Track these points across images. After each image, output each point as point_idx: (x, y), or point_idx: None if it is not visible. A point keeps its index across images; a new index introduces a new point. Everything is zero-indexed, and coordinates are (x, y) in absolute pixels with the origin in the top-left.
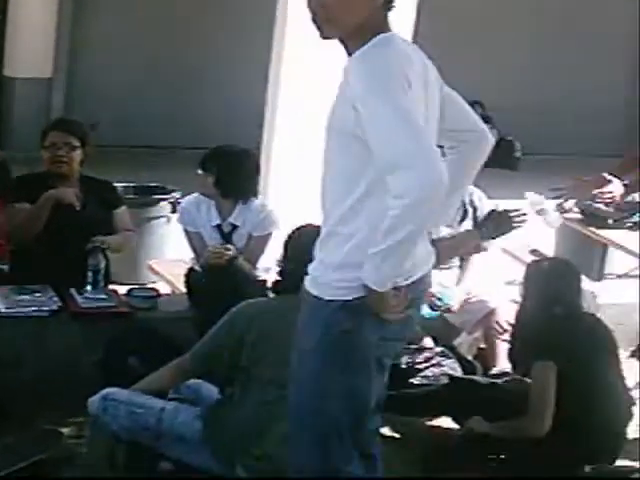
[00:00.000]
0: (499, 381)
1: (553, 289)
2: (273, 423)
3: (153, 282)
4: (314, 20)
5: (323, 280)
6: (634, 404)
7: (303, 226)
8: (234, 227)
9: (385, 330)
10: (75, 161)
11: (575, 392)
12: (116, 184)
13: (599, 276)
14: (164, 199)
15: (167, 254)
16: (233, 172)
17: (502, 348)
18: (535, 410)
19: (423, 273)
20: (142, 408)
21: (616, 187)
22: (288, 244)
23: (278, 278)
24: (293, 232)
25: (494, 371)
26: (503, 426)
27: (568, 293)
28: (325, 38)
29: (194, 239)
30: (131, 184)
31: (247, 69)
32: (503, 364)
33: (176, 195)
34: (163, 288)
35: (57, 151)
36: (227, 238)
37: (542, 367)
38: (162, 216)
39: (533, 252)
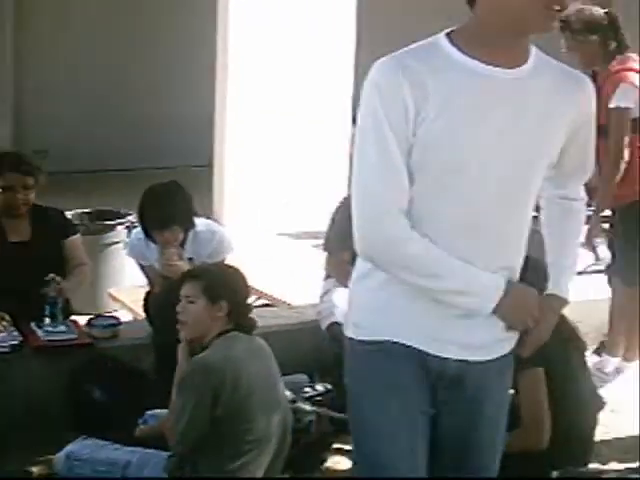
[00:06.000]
0: None
1: None
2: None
3: (114, 310)
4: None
5: None
6: (604, 405)
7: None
8: (189, 260)
9: None
10: (31, 200)
11: (553, 397)
12: (71, 211)
13: None
14: (120, 224)
15: (126, 280)
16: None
17: None
18: (531, 421)
19: None
20: (106, 465)
21: None
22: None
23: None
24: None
25: None
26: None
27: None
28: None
29: (147, 271)
30: (85, 210)
31: (196, 92)
32: None
33: (131, 219)
34: (124, 315)
35: (15, 194)
36: None
37: (531, 375)
38: (119, 241)
39: None
